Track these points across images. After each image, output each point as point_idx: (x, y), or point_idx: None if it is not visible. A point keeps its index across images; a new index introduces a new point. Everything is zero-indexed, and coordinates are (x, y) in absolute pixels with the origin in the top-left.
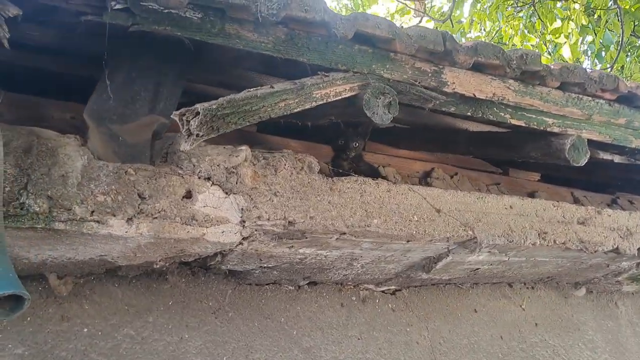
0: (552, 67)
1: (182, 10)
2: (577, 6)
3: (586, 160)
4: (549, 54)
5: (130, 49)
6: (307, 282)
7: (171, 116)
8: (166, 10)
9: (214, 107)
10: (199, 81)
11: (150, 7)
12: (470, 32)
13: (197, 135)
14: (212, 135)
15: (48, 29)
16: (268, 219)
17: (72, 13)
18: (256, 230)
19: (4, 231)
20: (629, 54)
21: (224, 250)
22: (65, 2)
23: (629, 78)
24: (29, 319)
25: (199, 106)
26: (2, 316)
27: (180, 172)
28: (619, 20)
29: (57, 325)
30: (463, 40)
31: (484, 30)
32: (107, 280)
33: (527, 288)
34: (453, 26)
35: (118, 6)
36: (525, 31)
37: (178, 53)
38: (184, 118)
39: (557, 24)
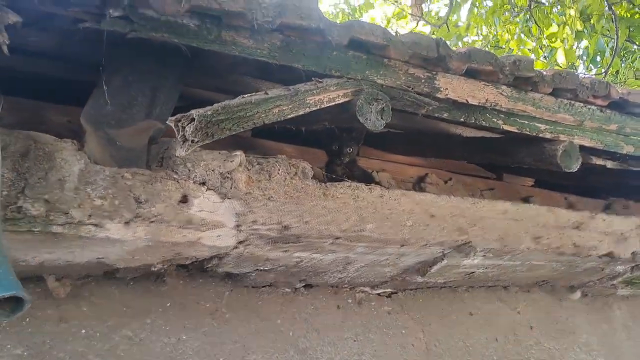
0: (544, 73)
1: (180, 17)
2: (572, 12)
3: (578, 166)
4: (545, 58)
5: (127, 54)
6: (303, 284)
7: (167, 122)
8: (163, 18)
9: (209, 113)
10: (196, 86)
11: (147, 14)
12: (467, 35)
13: (192, 141)
14: (207, 141)
15: (47, 35)
16: (263, 224)
17: (70, 20)
18: (251, 235)
19: (2, 234)
20: (623, 59)
21: (220, 254)
22: (64, 9)
23: (623, 83)
24: (27, 320)
25: (194, 112)
26: (3, 317)
27: (175, 176)
28: (614, 25)
29: (55, 326)
30: (460, 43)
31: (481, 34)
32: (104, 282)
33: (523, 291)
34: (449, 30)
35: (116, 14)
36: (522, 35)
37: (175, 59)
38: (180, 124)
39: (554, 29)
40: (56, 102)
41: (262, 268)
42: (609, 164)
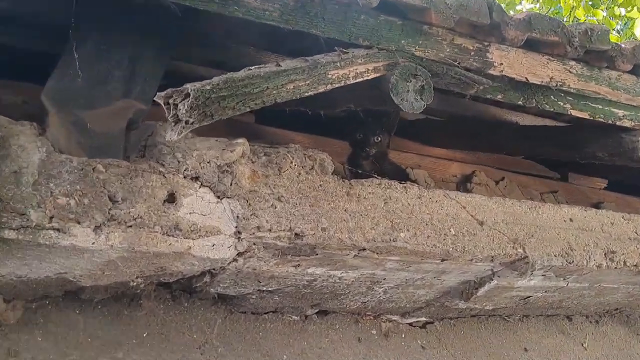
0: (622, 46)
1: None
2: None
3: None
4: (618, 32)
5: (101, 17)
6: (316, 310)
7: (154, 98)
8: None
9: (208, 88)
10: (186, 59)
11: None
12: (520, 3)
13: (187, 122)
14: (204, 123)
15: None
16: (270, 230)
17: None
18: (255, 244)
19: None
20: None
21: (214, 269)
22: None
23: None
24: None
25: (189, 86)
26: None
27: (161, 169)
28: None
29: None
30: (512, 13)
31: (539, 1)
32: (66, 304)
33: (590, 322)
34: None
35: None
36: (590, 3)
37: (161, 22)
38: (171, 101)
39: None
40: (8, 78)
41: (265, 288)
42: None
